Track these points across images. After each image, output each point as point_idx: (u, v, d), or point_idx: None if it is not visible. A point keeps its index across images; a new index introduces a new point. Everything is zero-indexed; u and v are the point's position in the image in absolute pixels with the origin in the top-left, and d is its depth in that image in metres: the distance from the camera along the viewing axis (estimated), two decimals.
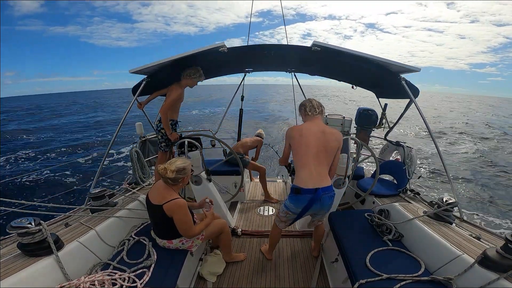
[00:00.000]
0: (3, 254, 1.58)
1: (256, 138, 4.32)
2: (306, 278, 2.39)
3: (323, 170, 1.98)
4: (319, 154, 1.95)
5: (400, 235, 2.08)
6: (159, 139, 2.97)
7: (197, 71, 2.72)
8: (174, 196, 1.84)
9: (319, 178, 1.93)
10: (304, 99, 2.19)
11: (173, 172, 1.83)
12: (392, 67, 2.49)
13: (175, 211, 1.82)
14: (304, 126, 2.04)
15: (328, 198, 1.99)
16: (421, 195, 2.90)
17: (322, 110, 2.11)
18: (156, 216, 1.89)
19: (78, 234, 1.84)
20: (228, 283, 2.32)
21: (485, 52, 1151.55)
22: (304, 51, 2.48)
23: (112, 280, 1.56)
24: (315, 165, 1.94)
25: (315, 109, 2.06)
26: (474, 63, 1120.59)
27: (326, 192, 1.95)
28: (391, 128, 3.62)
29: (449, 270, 1.57)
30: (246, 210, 3.70)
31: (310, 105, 2.08)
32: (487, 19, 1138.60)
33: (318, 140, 1.95)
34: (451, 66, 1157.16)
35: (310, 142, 1.95)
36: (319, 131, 1.98)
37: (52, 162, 10.52)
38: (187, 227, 1.88)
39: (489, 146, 15.28)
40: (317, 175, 1.93)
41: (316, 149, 1.94)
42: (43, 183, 8.08)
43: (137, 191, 2.85)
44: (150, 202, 1.90)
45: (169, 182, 1.87)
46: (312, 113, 2.06)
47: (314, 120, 2.06)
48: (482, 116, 35.48)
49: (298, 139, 1.99)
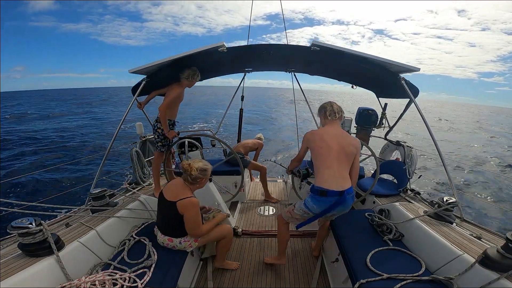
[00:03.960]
0: (3, 254, 1.58)
1: (257, 141, 4.33)
2: (307, 278, 2.39)
3: (345, 171, 1.98)
4: (340, 156, 1.95)
5: (401, 235, 2.08)
6: (155, 138, 2.97)
7: (194, 71, 2.73)
8: (189, 195, 1.91)
9: (343, 180, 1.93)
10: (325, 102, 2.17)
11: (197, 170, 1.90)
12: (392, 67, 2.49)
13: (188, 209, 1.87)
14: (324, 130, 2.05)
15: (351, 199, 1.98)
16: (421, 194, 2.90)
17: (342, 115, 2.12)
18: (167, 212, 1.93)
19: (78, 234, 1.84)
20: (228, 283, 2.32)
21: (494, 61, 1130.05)
22: (304, 51, 2.48)
23: (113, 280, 1.55)
24: (338, 166, 1.93)
25: (335, 114, 2.07)
26: (483, 72, 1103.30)
27: (350, 193, 1.95)
28: (391, 128, 3.62)
29: (450, 270, 1.58)
30: (246, 210, 3.70)
31: (331, 109, 2.08)
32: (498, 27, 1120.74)
33: (339, 143, 1.97)
34: (459, 74, 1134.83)
35: (331, 145, 1.96)
36: (338, 135, 2.01)
37: (52, 162, 10.52)
38: (195, 226, 1.94)
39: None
40: (340, 176, 1.93)
41: (338, 151, 1.95)
42: (43, 183, 8.07)
43: (137, 191, 2.85)
44: (164, 198, 1.94)
45: (188, 180, 1.94)
46: (331, 118, 2.07)
47: (333, 125, 2.08)
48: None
49: (319, 142, 1.99)
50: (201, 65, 2.78)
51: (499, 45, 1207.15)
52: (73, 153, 12.04)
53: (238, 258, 2.64)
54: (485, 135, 24.17)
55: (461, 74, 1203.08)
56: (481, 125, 34.51)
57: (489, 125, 36.44)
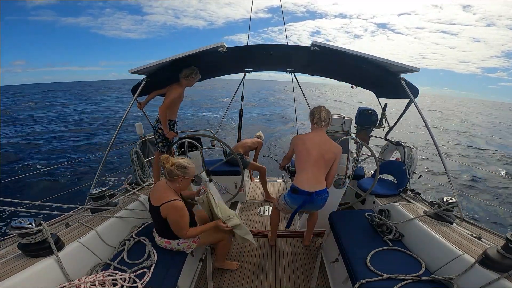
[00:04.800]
0: (3, 254, 1.58)
1: (256, 140, 4.32)
2: (306, 278, 2.39)
3: (320, 175, 2.23)
4: (318, 161, 2.20)
5: (401, 235, 2.08)
6: (156, 139, 2.97)
7: (192, 70, 2.74)
8: (172, 198, 1.82)
9: (315, 182, 2.20)
10: (315, 107, 2.33)
11: (172, 165, 1.81)
12: (392, 67, 2.49)
13: (170, 212, 1.80)
14: (308, 137, 2.28)
15: (321, 200, 2.25)
16: (421, 195, 2.90)
17: (329, 122, 2.28)
18: (155, 216, 1.89)
19: (78, 235, 1.84)
20: (228, 283, 2.32)
21: (498, 57, 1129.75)
22: (304, 51, 2.48)
23: (112, 281, 1.55)
24: (313, 170, 2.20)
25: (321, 122, 2.25)
26: (486, 67, 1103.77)
27: (320, 195, 2.22)
28: (391, 128, 3.62)
29: (450, 270, 1.58)
30: (246, 210, 3.70)
31: (319, 117, 2.24)
32: (504, 23, 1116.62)
33: (319, 150, 2.20)
34: (462, 69, 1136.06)
35: (311, 151, 2.20)
36: (321, 142, 2.23)
37: (52, 162, 10.51)
38: (179, 228, 1.86)
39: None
40: (313, 179, 2.20)
41: (316, 157, 2.19)
42: (43, 183, 8.07)
43: (137, 191, 2.85)
44: (150, 202, 1.90)
45: (165, 175, 1.86)
46: (318, 125, 2.26)
47: (318, 131, 2.28)
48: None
49: (301, 147, 2.25)
50: (201, 65, 2.78)
51: (503, 41, 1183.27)
52: (73, 153, 12.04)
53: (238, 258, 2.64)
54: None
55: (465, 69, 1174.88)
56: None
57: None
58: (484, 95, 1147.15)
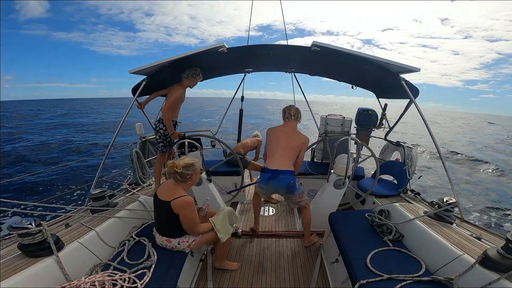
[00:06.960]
0: (3, 254, 1.58)
1: (255, 139, 4.33)
2: (306, 278, 2.39)
3: (286, 160, 2.54)
4: (285, 148, 2.54)
5: (401, 235, 2.08)
6: (157, 139, 2.97)
7: (196, 71, 2.74)
8: (182, 194, 1.89)
9: (280, 164, 2.51)
10: (287, 105, 2.70)
11: (181, 167, 1.88)
12: (392, 67, 2.49)
13: (183, 208, 1.86)
14: (279, 128, 2.65)
15: (285, 179, 2.48)
16: (421, 195, 2.90)
17: (298, 116, 2.63)
18: (163, 212, 1.92)
19: (78, 235, 1.84)
20: (228, 283, 2.32)
21: (477, 69, 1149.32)
22: (304, 51, 2.49)
23: (112, 281, 1.55)
24: (281, 155, 2.54)
25: (291, 116, 2.61)
26: (467, 79, 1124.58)
27: (283, 174, 2.48)
28: (391, 128, 3.62)
29: (450, 270, 1.57)
30: (246, 211, 3.70)
31: (288, 112, 2.63)
32: (480, 34, 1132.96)
33: (287, 139, 2.56)
34: (444, 82, 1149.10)
35: (280, 139, 2.57)
36: (289, 132, 2.58)
37: (52, 162, 10.51)
38: (192, 224, 1.93)
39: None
40: (280, 161, 2.52)
41: (283, 144, 2.55)
42: (43, 184, 8.08)
43: (137, 192, 2.85)
44: (158, 198, 1.93)
45: (178, 179, 1.92)
46: (288, 119, 2.62)
47: (288, 124, 2.63)
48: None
49: (272, 136, 2.62)
50: (201, 65, 2.78)
51: (481, 52, 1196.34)
52: (73, 154, 12.04)
53: (238, 259, 2.64)
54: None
55: (447, 82, 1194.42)
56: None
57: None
58: (465, 108, 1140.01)
